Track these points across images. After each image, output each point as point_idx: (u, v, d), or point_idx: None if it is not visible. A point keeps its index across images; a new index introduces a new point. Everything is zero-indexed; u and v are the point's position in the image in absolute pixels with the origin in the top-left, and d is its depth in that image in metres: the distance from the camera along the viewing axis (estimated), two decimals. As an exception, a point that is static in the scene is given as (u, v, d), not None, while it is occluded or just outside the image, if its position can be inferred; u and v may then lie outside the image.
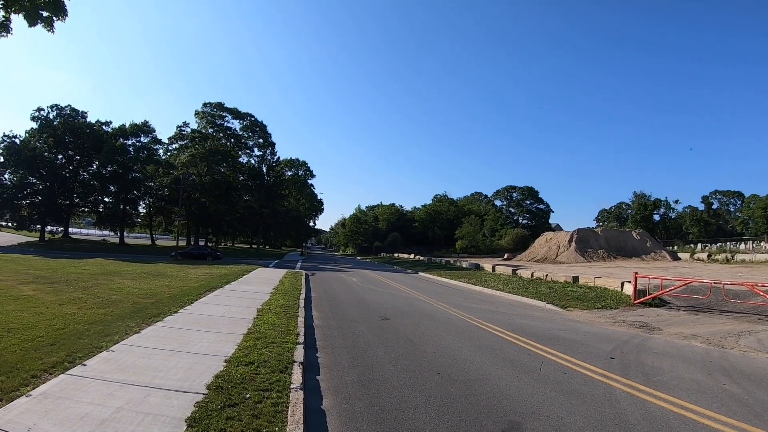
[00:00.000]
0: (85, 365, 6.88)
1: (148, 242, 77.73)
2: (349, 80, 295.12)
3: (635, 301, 18.28)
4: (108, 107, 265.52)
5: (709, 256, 42.30)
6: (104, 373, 6.55)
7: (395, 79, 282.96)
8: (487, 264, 41.64)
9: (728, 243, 60.07)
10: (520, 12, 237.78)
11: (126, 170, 65.93)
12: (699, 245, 59.99)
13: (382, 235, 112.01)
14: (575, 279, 24.99)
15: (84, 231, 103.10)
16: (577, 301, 18.98)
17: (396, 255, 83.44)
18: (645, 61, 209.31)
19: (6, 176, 62.13)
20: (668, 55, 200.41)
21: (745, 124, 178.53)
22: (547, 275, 27.91)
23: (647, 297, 18.32)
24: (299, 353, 8.43)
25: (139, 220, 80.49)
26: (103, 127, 68.85)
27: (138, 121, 71.03)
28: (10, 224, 73.32)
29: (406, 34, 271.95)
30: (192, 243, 75.27)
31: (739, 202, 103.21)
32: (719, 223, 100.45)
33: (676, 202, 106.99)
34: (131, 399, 5.59)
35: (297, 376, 6.94)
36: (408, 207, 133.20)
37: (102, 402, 5.45)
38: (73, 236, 72.51)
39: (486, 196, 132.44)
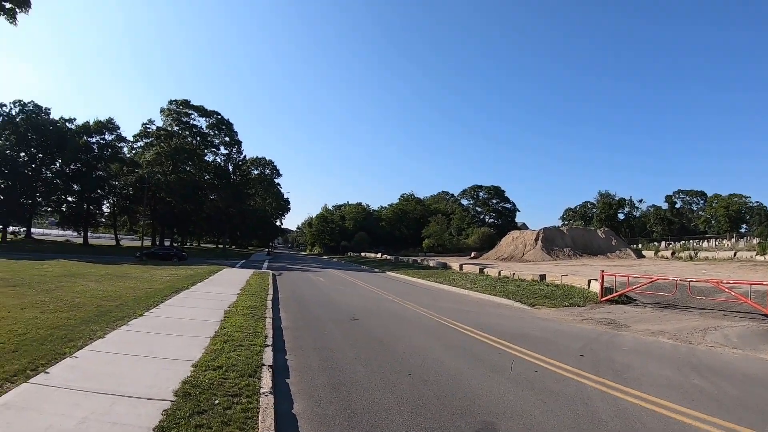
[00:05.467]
0: (48, 373, 6.69)
1: (113, 243, 75.71)
2: (318, 76, 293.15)
3: (602, 299, 18.66)
4: (77, 103, 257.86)
5: (673, 254, 43.50)
6: (69, 381, 6.38)
7: (366, 74, 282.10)
8: (454, 263, 42.00)
9: (691, 241, 61.61)
10: (490, 9, 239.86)
11: (90, 169, 64.39)
12: (663, 243, 61.37)
13: (349, 235, 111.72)
14: (542, 277, 25.40)
15: (47, 231, 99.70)
16: (544, 299, 19.28)
17: (363, 254, 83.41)
18: (610, 58, 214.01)
19: (-35, 174, 59.67)
20: (634, 51, 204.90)
21: (707, 123, 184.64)
22: (514, 274, 28.34)
23: (614, 294, 18.71)
24: (268, 356, 8.39)
25: (103, 219, 79.03)
26: (67, 124, 66.86)
27: (102, 118, 69.19)
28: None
29: (376, 25, 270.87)
30: (157, 243, 73.99)
31: (702, 201, 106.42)
32: (682, 222, 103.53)
33: (641, 201, 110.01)
34: (97, 408, 5.47)
35: (267, 380, 6.91)
36: (375, 206, 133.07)
37: (67, 412, 5.31)
38: (35, 237, 70.36)
39: (452, 195, 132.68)
